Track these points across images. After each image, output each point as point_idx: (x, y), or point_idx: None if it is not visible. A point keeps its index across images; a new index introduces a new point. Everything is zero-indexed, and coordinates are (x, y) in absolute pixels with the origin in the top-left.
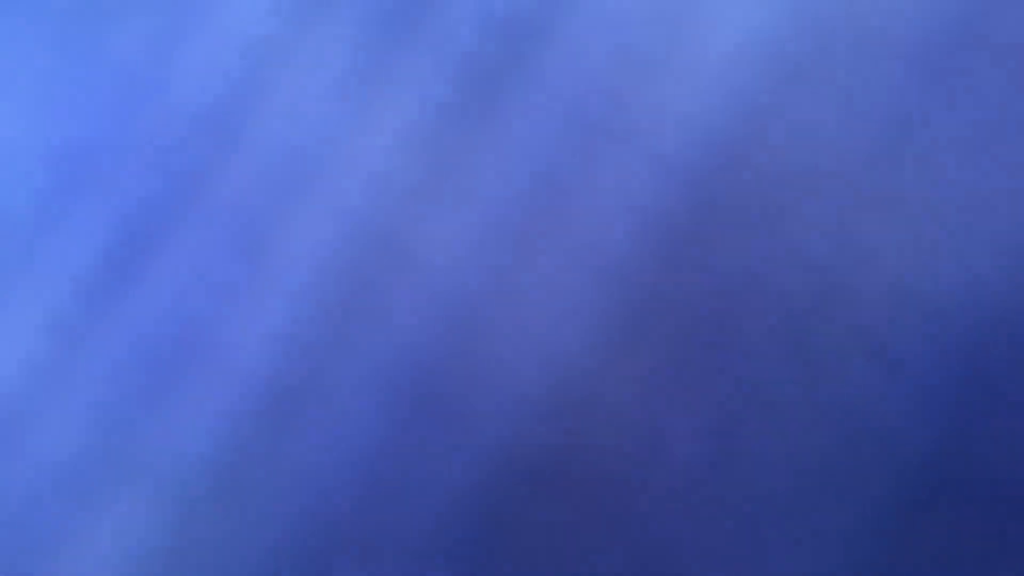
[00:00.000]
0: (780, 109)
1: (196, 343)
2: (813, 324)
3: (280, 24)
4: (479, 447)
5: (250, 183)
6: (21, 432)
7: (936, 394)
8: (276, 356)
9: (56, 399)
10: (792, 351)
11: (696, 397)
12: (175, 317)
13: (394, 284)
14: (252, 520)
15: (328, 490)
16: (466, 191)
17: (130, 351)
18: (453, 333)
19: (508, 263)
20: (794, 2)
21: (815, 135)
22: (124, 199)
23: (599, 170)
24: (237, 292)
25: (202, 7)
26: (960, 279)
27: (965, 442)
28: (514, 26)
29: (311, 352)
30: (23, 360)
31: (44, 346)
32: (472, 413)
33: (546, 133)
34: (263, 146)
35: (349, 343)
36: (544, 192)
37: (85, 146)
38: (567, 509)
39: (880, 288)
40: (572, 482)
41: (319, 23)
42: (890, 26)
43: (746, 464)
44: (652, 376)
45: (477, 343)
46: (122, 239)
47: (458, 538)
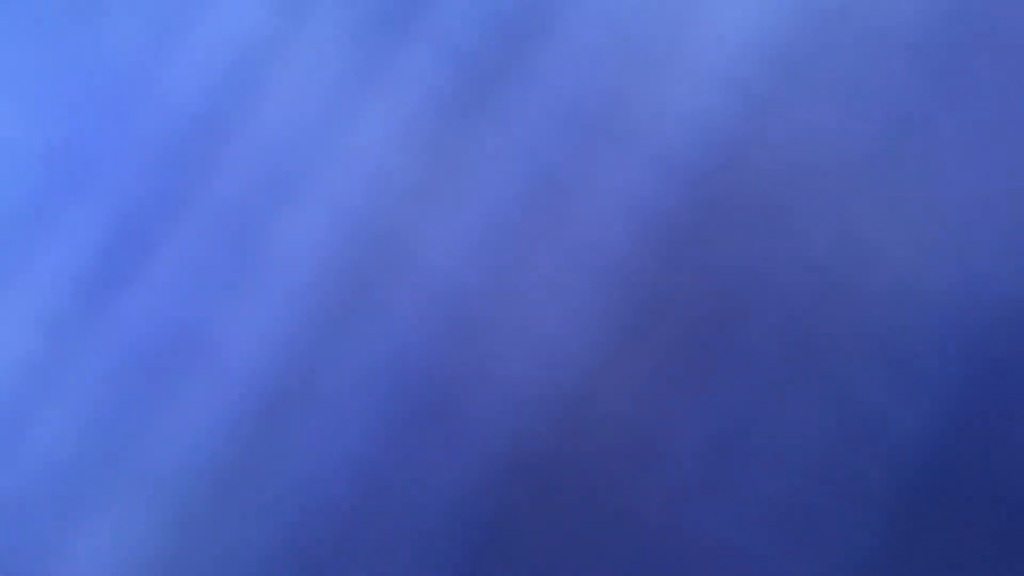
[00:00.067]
0: (781, 108)
1: (194, 344)
2: (814, 324)
3: (277, 22)
4: (479, 447)
5: (248, 182)
6: (16, 434)
7: (939, 393)
8: (275, 357)
9: (52, 401)
10: (794, 351)
11: (697, 397)
12: (172, 318)
13: (393, 284)
14: (251, 522)
15: (328, 491)
16: (466, 190)
17: (128, 352)
18: (453, 333)
19: (508, 263)
20: (795, 1)
21: (816, 134)
22: (121, 199)
23: (599, 169)
24: (235, 292)
25: (198, 5)
26: (963, 278)
27: (969, 442)
28: (514, 25)
29: (310, 353)
30: (19, 361)
31: (40, 347)
32: (472, 413)
33: (546, 132)
34: (260, 145)
35: (348, 344)
36: (544, 191)
37: (82, 145)
38: (568, 510)
39: (882, 288)
40: (573, 483)
41: (316, 21)
42: (892, 25)
43: (748, 464)
44: (653, 376)
45: (477, 343)
46: (119, 239)
47: (458, 539)
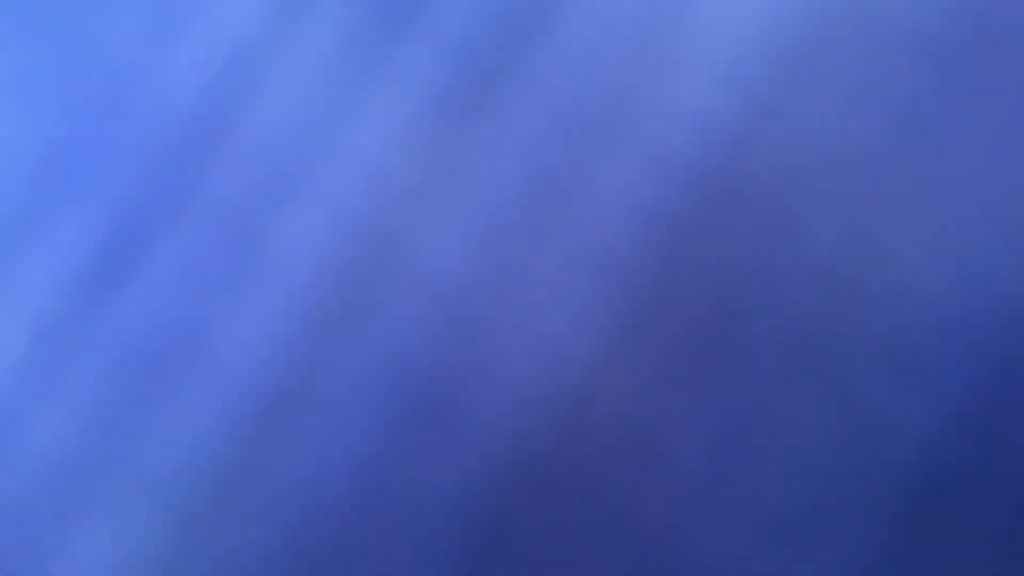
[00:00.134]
0: (783, 108)
1: (192, 344)
2: (817, 324)
3: (277, 22)
4: (479, 447)
5: (247, 182)
6: (15, 435)
7: (942, 393)
8: (274, 357)
9: (51, 401)
10: (796, 351)
11: (699, 397)
12: (171, 318)
13: (393, 284)
14: (250, 523)
15: (327, 491)
16: (466, 190)
17: (127, 352)
18: (453, 333)
19: (508, 262)
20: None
21: (818, 134)
22: (120, 198)
23: (600, 169)
24: (234, 292)
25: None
26: (966, 278)
27: (973, 442)
28: (515, 25)
29: (309, 353)
30: (18, 361)
31: (39, 347)
32: (472, 413)
33: (547, 132)
34: (260, 145)
35: (347, 344)
36: (545, 191)
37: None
38: (568, 510)
39: (885, 287)
40: (573, 483)
41: (316, 20)
42: (894, 24)
43: (749, 465)
44: (654, 376)
45: (477, 343)
46: (118, 238)
47: (458, 539)
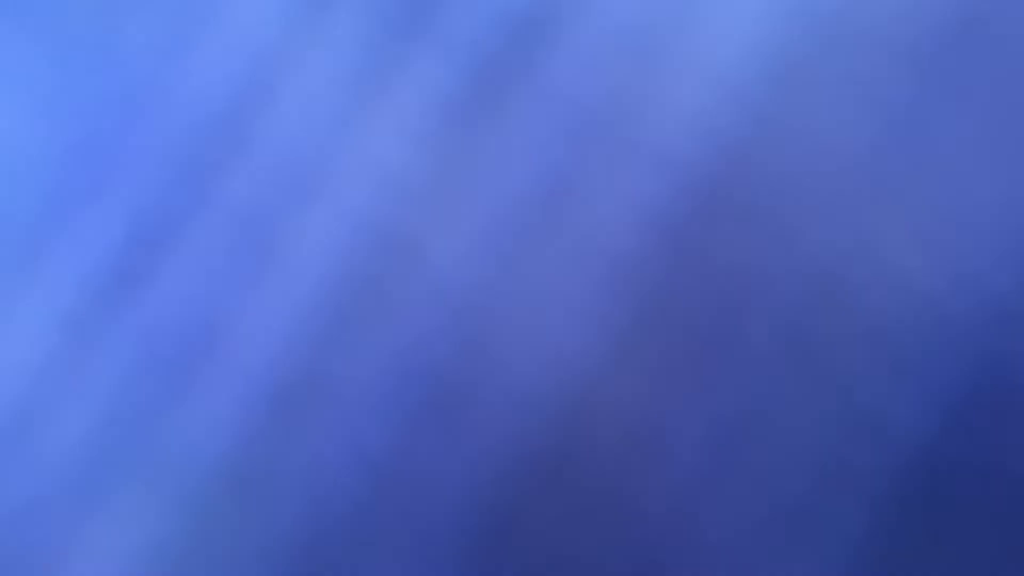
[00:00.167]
0: (785, 111)
1: (207, 343)
2: (816, 323)
3: (292, 27)
4: (486, 445)
5: (260, 184)
6: (36, 432)
7: (939, 393)
8: (288, 355)
9: (71, 398)
10: (795, 350)
11: (702, 397)
12: (189, 317)
13: (405, 284)
14: (264, 516)
15: (338, 487)
16: (475, 192)
17: (145, 350)
18: (462, 332)
19: (516, 263)
20: (798, 3)
21: (819, 136)
22: (138, 199)
23: (606, 172)
24: (248, 292)
25: (210, 8)
26: (966, 279)
27: (969, 441)
28: (523, 30)
29: (321, 351)
30: (38, 359)
31: (59, 346)
32: (479, 411)
33: (555, 135)
34: (272, 147)
35: (359, 343)
36: (552, 194)
37: (99, 146)
38: (573, 507)
39: (883, 288)
40: (578, 480)
41: (330, 27)
42: (892, 27)
43: (750, 464)
44: (658, 376)
45: (485, 342)
46: (136, 239)
47: (465, 534)
